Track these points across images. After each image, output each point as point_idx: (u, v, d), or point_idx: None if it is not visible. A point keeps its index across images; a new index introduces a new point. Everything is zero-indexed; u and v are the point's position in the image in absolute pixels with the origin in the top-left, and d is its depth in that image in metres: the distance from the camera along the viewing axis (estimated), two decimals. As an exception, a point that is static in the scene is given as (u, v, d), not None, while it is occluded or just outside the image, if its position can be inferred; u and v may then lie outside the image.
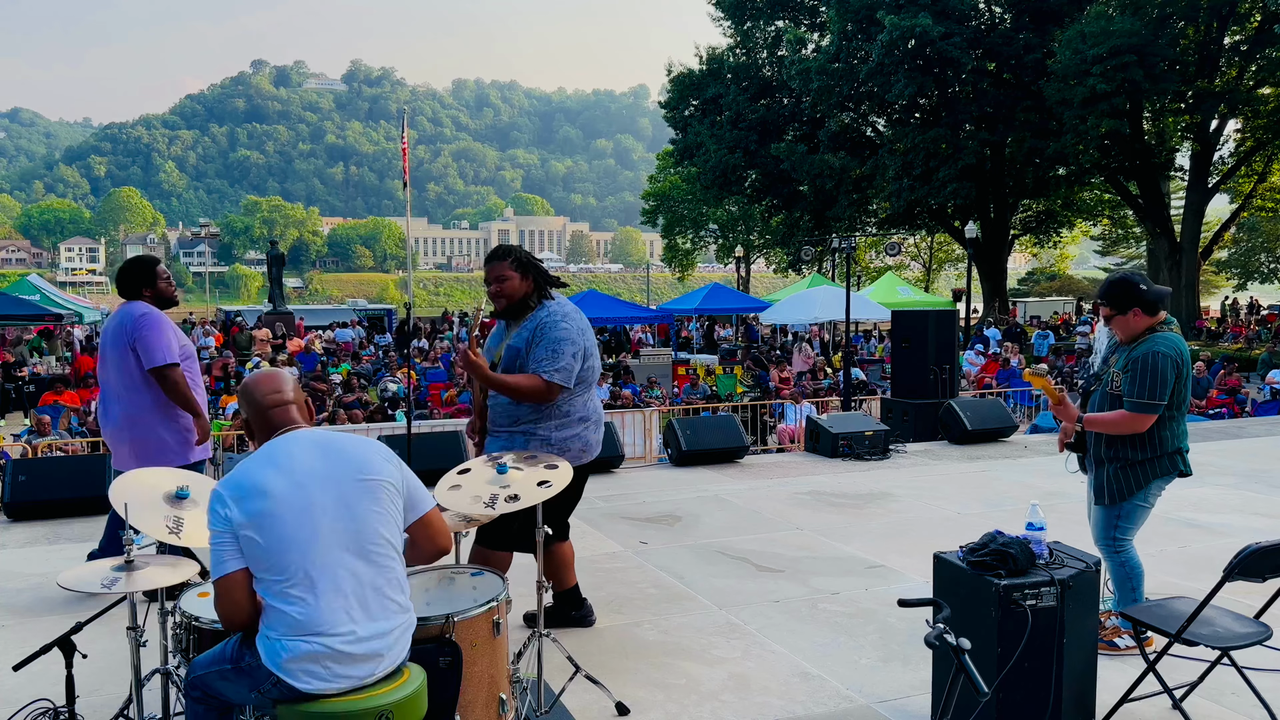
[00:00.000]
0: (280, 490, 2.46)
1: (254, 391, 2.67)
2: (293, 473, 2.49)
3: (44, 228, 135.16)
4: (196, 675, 2.57)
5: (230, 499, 2.45)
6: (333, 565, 2.45)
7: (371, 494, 2.55)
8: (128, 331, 4.60)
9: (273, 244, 32.04)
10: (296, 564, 2.42)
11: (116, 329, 4.63)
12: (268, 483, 2.46)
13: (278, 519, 2.42)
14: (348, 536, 2.49)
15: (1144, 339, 3.97)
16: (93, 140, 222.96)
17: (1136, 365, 3.91)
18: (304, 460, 2.52)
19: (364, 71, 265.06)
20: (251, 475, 2.48)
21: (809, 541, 6.17)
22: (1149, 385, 3.86)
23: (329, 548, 2.46)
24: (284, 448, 2.54)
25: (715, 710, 3.72)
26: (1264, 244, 52.34)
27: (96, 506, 6.88)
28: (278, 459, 2.51)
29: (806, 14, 36.85)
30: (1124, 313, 3.99)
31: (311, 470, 2.51)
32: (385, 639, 2.49)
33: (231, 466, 7.72)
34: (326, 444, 2.58)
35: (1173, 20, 26.61)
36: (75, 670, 3.16)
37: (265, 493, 2.44)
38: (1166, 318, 4.01)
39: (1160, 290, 4.00)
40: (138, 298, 4.69)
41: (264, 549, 2.42)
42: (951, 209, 32.51)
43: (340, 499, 2.50)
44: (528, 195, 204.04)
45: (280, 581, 2.42)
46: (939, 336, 11.55)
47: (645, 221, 53.53)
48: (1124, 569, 4.09)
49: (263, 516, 2.42)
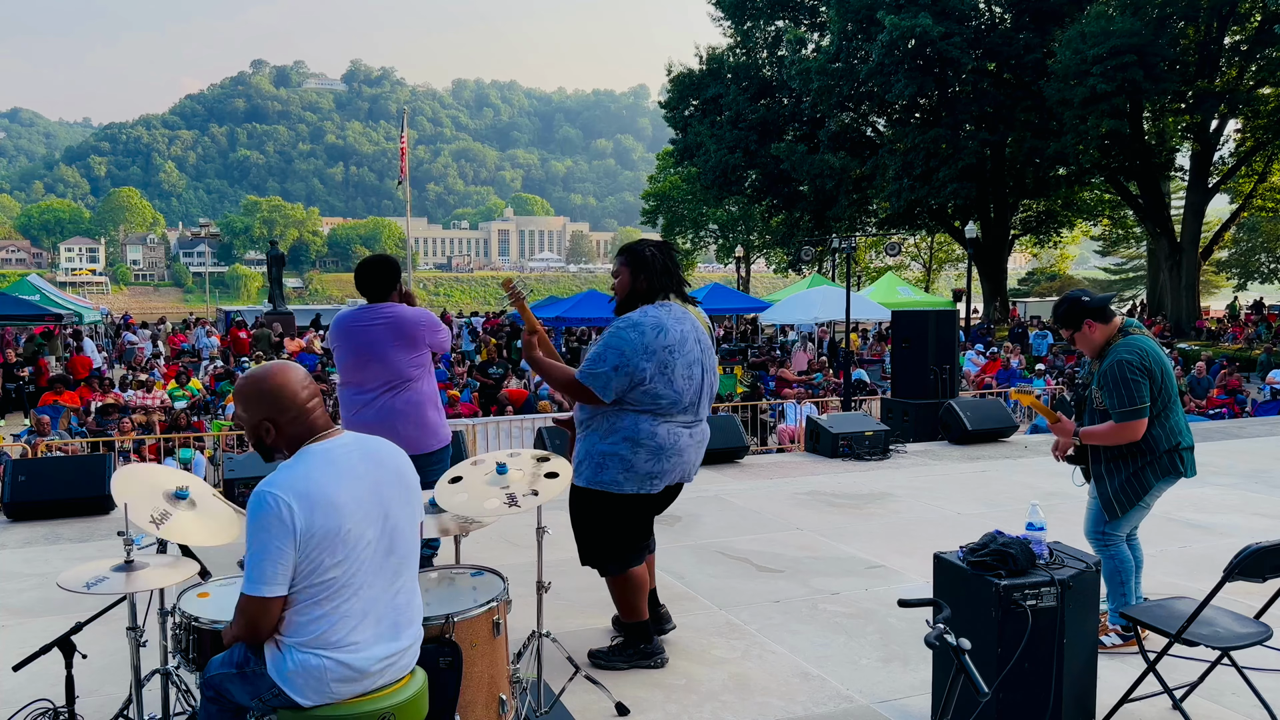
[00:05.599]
0: (348, 505, 2.31)
1: (287, 388, 2.41)
2: (355, 484, 2.35)
3: (44, 228, 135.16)
4: (210, 675, 2.52)
5: (298, 507, 2.24)
6: (372, 585, 2.38)
7: (409, 499, 2.48)
8: (409, 329, 4.61)
9: (273, 244, 32.04)
10: (344, 585, 2.31)
11: (393, 324, 4.60)
12: (337, 495, 2.30)
13: (343, 536, 2.29)
14: (387, 556, 2.42)
15: (1107, 352, 4.07)
16: (93, 140, 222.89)
17: (1107, 379, 4.01)
18: (360, 470, 2.39)
19: (364, 71, 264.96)
20: (317, 484, 2.29)
21: (809, 542, 6.16)
22: (1123, 394, 3.96)
23: (375, 568, 2.38)
24: (343, 455, 2.38)
25: (715, 710, 3.71)
26: (1264, 244, 52.37)
27: (96, 506, 6.89)
28: (338, 467, 2.35)
29: (806, 14, 36.88)
30: (1078, 328, 4.13)
31: (368, 482, 2.39)
32: (396, 655, 2.45)
33: (233, 467, 7.71)
34: (366, 450, 2.46)
35: (1173, 20, 26.61)
36: (75, 670, 3.16)
37: (336, 506, 2.29)
38: (1124, 323, 4.11)
39: (1103, 297, 4.18)
40: (386, 299, 4.69)
41: (319, 565, 2.27)
42: (951, 209, 32.52)
43: (383, 511, 2.41)
44: (528, 195, 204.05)
45: (317, 595, 2.30)
46: (939, 336, 11.55)
47: (645, 221, 53.50)
48: (1113, 563, 4.13)
49: (331, 531, 2.27)
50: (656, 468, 3.78)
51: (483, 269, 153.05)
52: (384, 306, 4.62)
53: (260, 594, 2.26)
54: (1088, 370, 4.35)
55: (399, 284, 4.78)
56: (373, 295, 4.66)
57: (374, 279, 4.65)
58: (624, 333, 3.68)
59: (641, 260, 3.82)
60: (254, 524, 2.26)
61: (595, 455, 3.79)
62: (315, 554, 2.27)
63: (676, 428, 3.82)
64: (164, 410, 13.40)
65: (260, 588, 2.26)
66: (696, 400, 3.87)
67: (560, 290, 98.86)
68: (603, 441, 3.79)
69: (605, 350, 3.69)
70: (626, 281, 3.84)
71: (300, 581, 2.29)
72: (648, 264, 3.81)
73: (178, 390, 15.90)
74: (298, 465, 2.35)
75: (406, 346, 4.61)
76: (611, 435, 3.77)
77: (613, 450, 3.76)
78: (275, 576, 2.26)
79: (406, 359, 4.63)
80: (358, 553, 2.33)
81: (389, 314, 4.60)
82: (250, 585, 2.27)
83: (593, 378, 3.68)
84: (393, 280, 4.71)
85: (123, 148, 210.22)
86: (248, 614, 2.30)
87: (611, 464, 3.76)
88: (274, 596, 2.27)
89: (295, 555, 2.25)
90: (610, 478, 3.78)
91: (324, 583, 2.30)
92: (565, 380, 3.78)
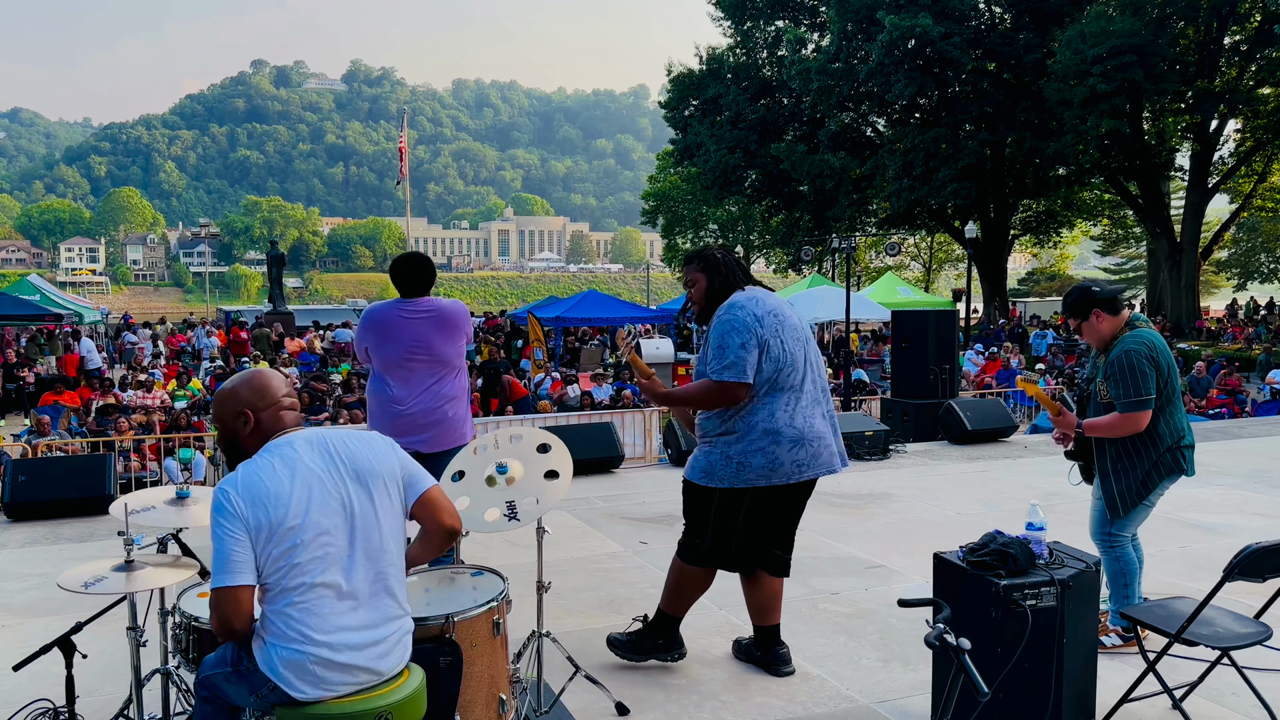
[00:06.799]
0: (295, 494, 2.39)
1: (272, 382, 2.56)
2: (302, 476, 2.43)
3: (44, 228, 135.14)
4: (204, 675, 2.55)
5: (245, 502, 2.36)
6: (341, 570, 2.42)
7: (371, 490, 2.50)
8: (454, 320, 4.83)
9: (273, 244, 32.07)
10: (301, 570, 2.37)
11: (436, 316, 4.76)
12: (282, 487, 2.39)
13: (290, 525, 2.36)
14: (350, 539, 2.45)
15: (1115, 344, 4.06)
16: (93, 140, 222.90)
17: (1114, 368, 3.99)
18: (308, 462, 2.46)
19: (364, 71, 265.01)
20: (263, 479, 2.40)
21: (809, 541, 6.16)
22: (1132, 383, 3.94)
23: (335, 553, 2.42)
24: (286, 451, 2.47)
25: (715, 710, 3.71)
26: (1264, 244, 52.36)
27: (96, 506, 6.88)
28: (286, 462, 2.44)
29: (806, 14, 36.87)
30: (1086, 318, 4.13)
31: (315, 472, 2.45)
32: (383, 645, 2.46)
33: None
34: (322, 443, 2.52)
35: (1173, 20, 26.61)
36: (75, 670, 3.16)
37: (280, 498, 2.37)
38: (1132, 317, 4.11)
39: (1113, 289, 4.15)
40: (424, 295, 4.84)
41: (274, 556, 2.35)
42: (951, 209, 32.52)
43: (341, 502, 2.45)
44: (528, 195, 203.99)
45: (283, 588, 2.38)
46: (939, 336, 11.55)
47: (645, 221, 53.54)
48: (1118, 564, 4.12)
49: (276, 523, 2.35)
50: (795, 454, 3.68)
51: (483, 269, 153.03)
52: (422, 300, 4.79)
53: (224, 584, 2.34)
54: (1092, 364, 4.34)
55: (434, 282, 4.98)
56: (410, 290, 4.80)
57: (414, 275, 4.80)
58: (730, 317, 3.64)
59: (713, 261, 3.84)
60: (212, 521, 2.38)
61: (734, 459, 3.69)
62: (270, 546, 2.35)
63: (808, 410, 3.73)
64: (164, 410, 13.41)
65: (223, 578, 2.34)
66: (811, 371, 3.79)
67: (560, 290, 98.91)
68: (737, 444, 3.68)
69: (724, 340, 3.61)
70: (703, 284, 3.83)
71: (266, 574, 2.38)
72: (719, 264, 3.83)
73: (178, 390, 15.91)
74: (250, 464, 2.46)
75: (450, 338, 4.79)
76: (746, 434, 3.67)
77: (756, 449, 3.66)
78: (236, 565, 2.34)
79: (452, 349, 4.82)
80: (317, 543, 2.39)
81: (430, 306, 4.77)
82: (215, 578, 2.35)
83: (729, 368, 3.59)
84: (431, 277, 4.89)
85: (123, 148, 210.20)
86: (219, 608, 2.37)
87: (754, 462, 3.67)
88: (239, 585, 2.34)
89: (252, 544, 2.35)
90: (757, 478, 3.69)
91: (288, 574, 2.37)
92: (703, 390, 3.68)
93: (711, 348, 3.68)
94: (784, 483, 3.71)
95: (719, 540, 3.82)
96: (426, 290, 4.86)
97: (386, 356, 4.76)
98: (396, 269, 4.83)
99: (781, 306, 3.77)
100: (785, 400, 3.68)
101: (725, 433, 3.71)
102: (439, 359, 4.77)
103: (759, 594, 3.96)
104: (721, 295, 3.80)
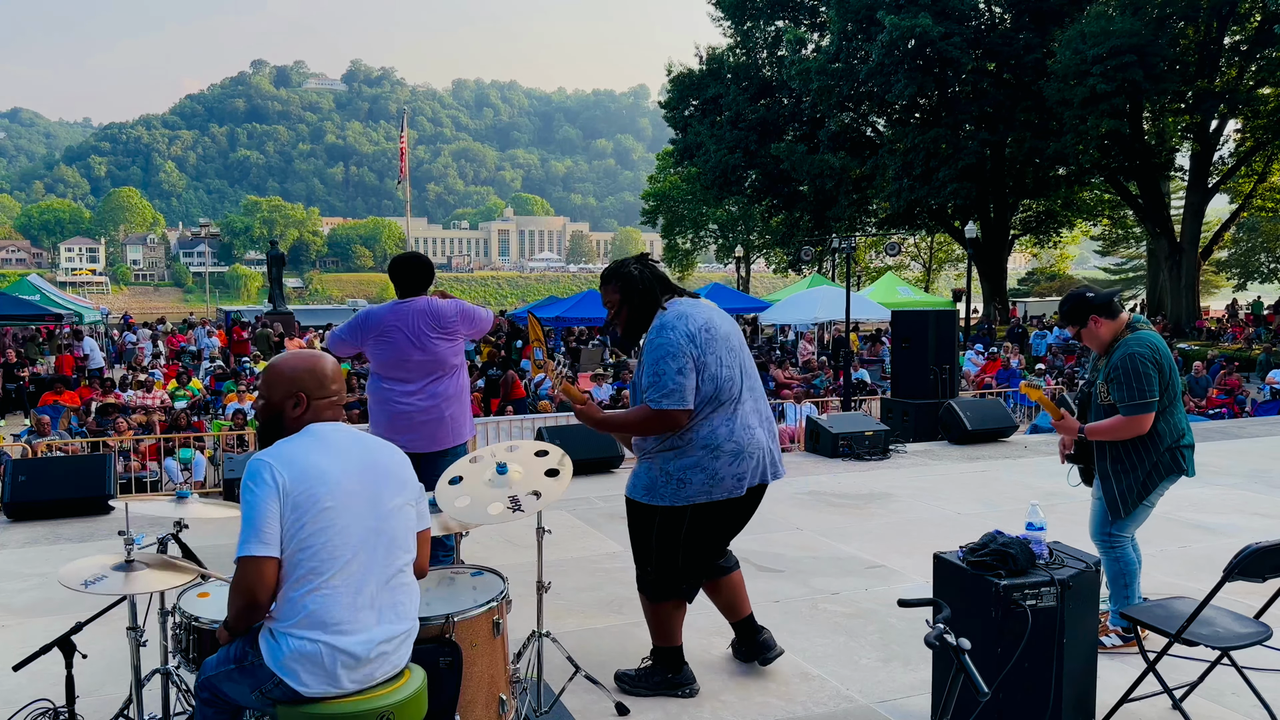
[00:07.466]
0: (335, 477, 2.40)
1: (327, 378, 2.56)
2: (346, 462, 2.44)
3: (44, 228, 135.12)
4: (205, 676, 2.54)
5: (284, 469, 2.34)
6: (361, 564, 2.42)
7: (398, 495, 2.55)
8: (447, 315, 4.81)
9: (273, 244, 32.07)
10: (330, 556, 2.37)
11: (432, 315, 4.77)
12: (324, 467, 2.39)
13: (327, 506, 2.36)
14: (377, 536, 2.46)
15: (1116, 346, 4.06)
16: (93, 140, 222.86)
17: (1117, 371, 3.99)
18: (352, 452, 2.48)
19: (364, 71, 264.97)
20: (306, 455, 2.40)
21: (809, 542, 6.17)
22: (1136, 385, 3.94)
23: (362, 546, 2.43)
24: (331, 436, 2.48)
25: (715, 710, 3.71)
26: (1264, 244, 52.35)
27: (96, 506, 6.89)
28: (329, 445, 2.45)
29: (806, 14, 36.86)
30: (1084, 325, 4.14)
31: (358, 463, 2.47)
32: (391, 643, 2.47)
33: (233, 467, 7.71)
34: (359, 438, 2.55)
35: (1173, 20, 26.60)
36: (75, 670, 3.16)
37: (322, 477, 2.37)
38: (1132, 319, 4.12)
39: (1107, 292, 4.20)
40: (422, 294, 4.85)
41: (300, 538, 2.35)
42: (951, 209, 32.52)
43: (377, 498, 2.48)
44: (528, 195, 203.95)
45: (301, 574, 2.36)
46: (939, 336, 11.55)
47: (645, 221, 53.52)
48: (1118, 564, 4.13)
49: (314, 500, 2.35)
50: (735, 468, 3.57)
51: (483, 269, 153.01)
52: (417, 300, 4.80)
53: (252, 553, 2.32)
54: (1092, 368, 4.34)
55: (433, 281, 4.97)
56: (408, 290, 4.83)
57: (412, 275, 4.83)
58: (663, 340, 3.47)
59: (629, 279, 3.63)
60: (245, 489, 2.36)
61: (674, 475, 3.57)
62: (300, 515, 2.34)
63: (747, 420, 3.62)
64: (164, 410, 13.41)
65: (251, 546, 2.32)
66: (747, 380, 3.68)
67: (560, 290, 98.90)
68: (676, 459, 3.56)
69: (659, 367, 3.45)
70: (620, 305, 3.64)
71: (288, 547, 2.35)
72: (635, 281, 3.62)
73: (178, 390, 15.91)
74: (291, 440, 2.46)
75: (446, 336, 4.81)
76: (684, 449, 3.55)
77: (692, 463, 3.54)
78: (265, 535, 2.32)
79: (448, 348, 4.82)
80: (344, 523, 2.39)
81: (425, 306, 4.79)
82: (243, 546, 2.33)
83: (668, 395, 3.43)
84: (429, 277, 4.90)
85: (123, 148, 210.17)
86: (244, 579, 2.33)
87: (694, 478, 3.55)
88: (266, 556, 2.32)
89: (282, 514, 2.33)
90: (697, 494, 3.57)
91: (311, 550, 2.35)
92: (641, 417, 3.53)
93: (646, 373, 3.51)
94: (724, 498, 3.59)
95: (664, 559, 3.66)
96: (422, 290, 4.88)
97: (379, 356, 4.79)
98: (395, 269, 4.87)
99: (712, 317, 3.60)
100: (724, 414, 3.56)
101: (665, 449, 3.59)
102: (435, 357, 4.78)
103: (723, 592, 3.97)
104: (643, 313, 3.61)
